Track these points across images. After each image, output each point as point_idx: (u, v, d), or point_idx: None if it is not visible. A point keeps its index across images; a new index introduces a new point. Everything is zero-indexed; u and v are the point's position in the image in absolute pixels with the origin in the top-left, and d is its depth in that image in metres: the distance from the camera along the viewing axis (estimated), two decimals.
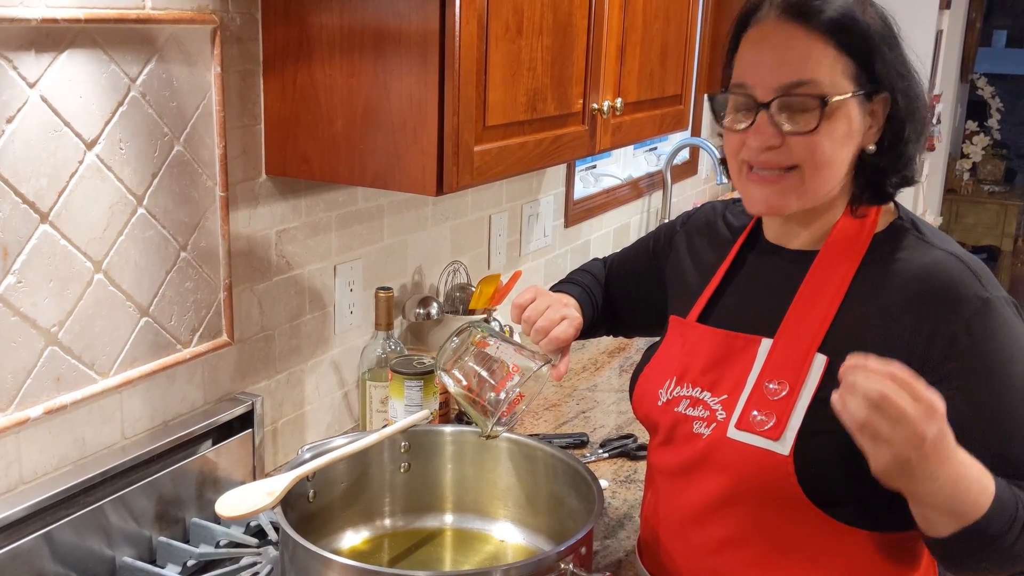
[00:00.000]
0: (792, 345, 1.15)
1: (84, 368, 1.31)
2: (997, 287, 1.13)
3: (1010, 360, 1.10)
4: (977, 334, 1.09)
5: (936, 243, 1.16)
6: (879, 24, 1.15)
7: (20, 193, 1.19)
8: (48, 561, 1.24)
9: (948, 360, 1.09)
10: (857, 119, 1.14)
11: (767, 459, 1.12)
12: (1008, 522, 1.01)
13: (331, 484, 1.37)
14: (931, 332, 1.09)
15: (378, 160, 1.44)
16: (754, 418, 1.14)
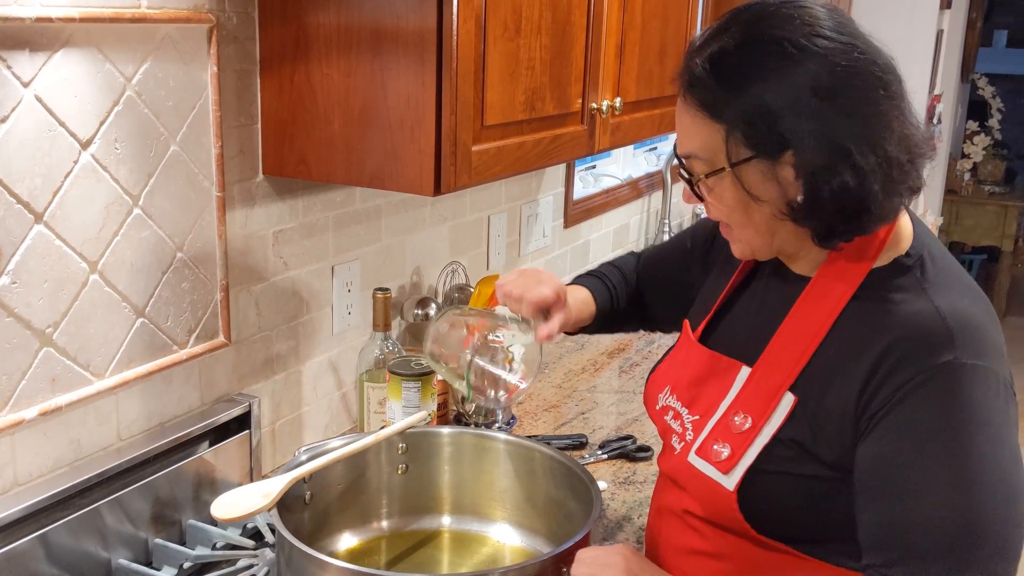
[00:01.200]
0: (766, 378, 1.12)
1: (79, 369, 1.30)
2: (978, 354, 1.02)
3: (937, 437, 1.00)
4: (917, 396, 1.01)
5: (931, 291, 1.06)
6: (764, 84, 1.02)
7: (14, 193, 1.18)
8: (43, 563, 1.24)
9: (881, 410, 1.03)
10: (753, 182, 1.05)
11: (716, 490, 1.11)
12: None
13: (328, 486, 1.36)
14: (882, 380, 1.03)
15: (375, 160, 1.43)
16: (713, 448, 1.13)
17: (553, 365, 2.31)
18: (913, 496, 1.00)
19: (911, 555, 1.00)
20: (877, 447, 1.03)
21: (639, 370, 2.30)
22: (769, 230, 1.09)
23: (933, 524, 0.99)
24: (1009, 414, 1.03)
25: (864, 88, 1.02)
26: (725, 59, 1.04)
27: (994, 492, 0.99)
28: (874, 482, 1.03)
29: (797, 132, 1.01)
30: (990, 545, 0.99)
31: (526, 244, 2.47)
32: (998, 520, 0.99)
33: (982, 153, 6.09)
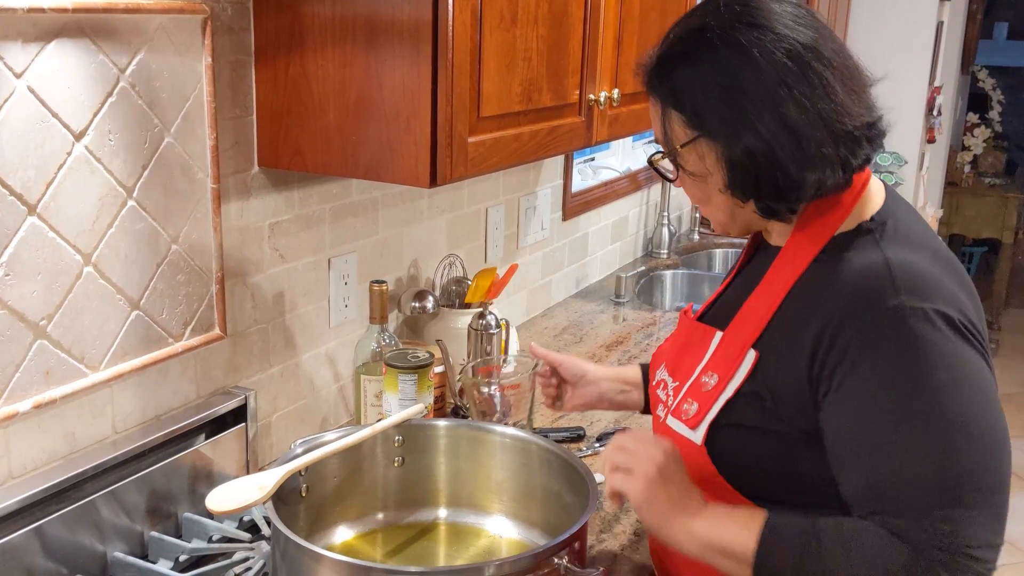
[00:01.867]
0: (734, 339, 1.17)
1: (74, 362, 1.30)
2: (925, 297, 1.04)
3: (897, 389, 1.03)
4: (867, 348, 1.04)
5: (885, 246, 1.10)
6: (688, 72, 1.12)
7: (7, 185, 1.17)
8: (39, 556, 1.23)
9: (838, 369, 1.06)
10: (694, 164, 1.15)
11: (688, 447, 1.17)
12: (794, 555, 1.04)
13: (324, 479, 1.36)
14: (831, 339, 1.06)
15: (371, 152, 1.43)
16: (683, 408, 1.20)
17: None
18: (887, 452, 1.03)
19: (899, 509, 1.02)
20: (842, 411, 1.06)
21: (637, 362, 2.29)
22: (726, 206, 1.18)
23: (912, 475, 1.02)
24: (966, 351, 1.04)
25: (774, 69, 1.07)
26: (664, 50, 1.16)
27: (963, 430, 1.01)
28: (849, 446, 1.06)
29: (715, 114, 1.10)
30: (972, 483, 1.01)
31: (524, 237, 2.46)
32: (973, 457, 1.02)
33: (982, 145, 6.08)
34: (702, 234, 3.51)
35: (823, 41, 1.11)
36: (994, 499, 1.02)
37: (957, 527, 1.00)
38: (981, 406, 1.03)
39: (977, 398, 1.03)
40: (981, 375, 1.05)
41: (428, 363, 1.61)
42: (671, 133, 1.16)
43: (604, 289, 2.89)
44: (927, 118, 4.49)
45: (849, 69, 1.13)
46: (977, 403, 1.03)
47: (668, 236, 3.25)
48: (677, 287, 3.19)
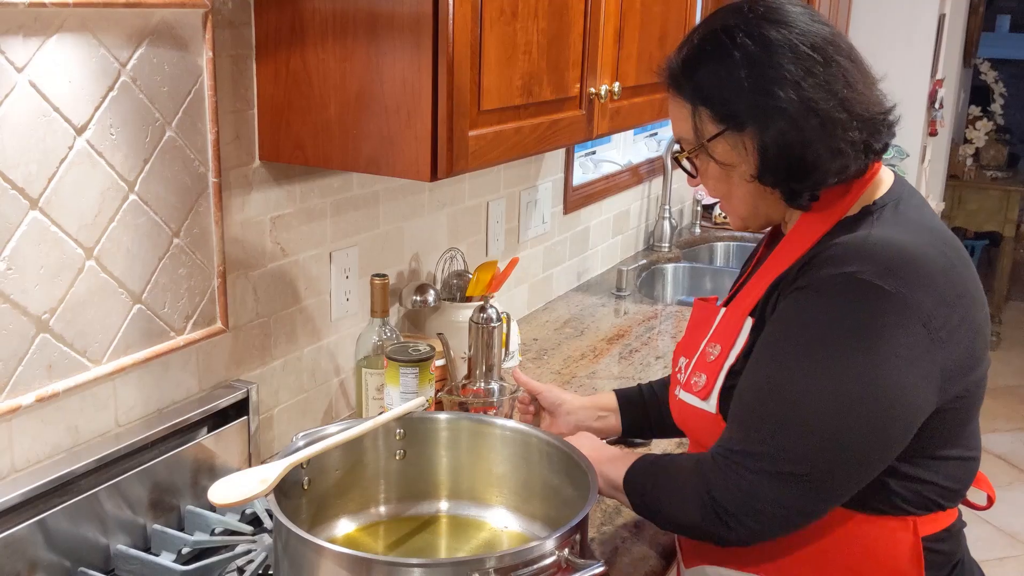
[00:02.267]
0: (735, 312, 1.26)
1: (76, 355, 1.30)
2: (887, 276, 1.09)
3: (805, 334, 1.12)
4: (802, 304, 1.14)
5: (877, 225, 1.16)
6: (714, 71, 1.19)
7: (9, 179, 1.18)
8: (42, 549, 1.24)
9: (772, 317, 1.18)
10: (727, 155, 1.22)
11: (703, 417, 1.26)
12: (635, 489, 1.26)
13: (326, 471, 1.36)
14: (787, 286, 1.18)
15: (372, 145, 1.43)
16: (692, 380, 1.28)
17: (552, 352, 2.31)
18: (764, 386, 1.14)
19: (738, 424, 1.16)
20: (768, 328, 1.17)
21: (638, 356, 2.30)
22: (750, 197, 1.24)
23: (756, 406, 1.14)
24: (900, 339, 1.08)
25: (800, 60, 1.16)
26: (689, 52, 1.23)
27: (825, 398, 1.09)
28: (751, 362, 1.18)
29: (746, 104, 1.17)
30: (809, 450, 1.10)
31: (525, 230, 2.47)
32: (817, 427, 1.09)
33: (984, 138, 6.07)
34: (703, 227, 3.51)
35: (838, 38, 1.20)
36: (806, 472, 1.10)
37: (757, 476, 1.12)
38: (870, 390, 1.08)
39: (872, 380, 1.08)
40: (895, 363, 1.08)
41: (429, 356, 1.61)
42: (701, 128, 1.22)
43: (605, 282, 2.90)
44: (929, 111, 4.48)
45: (862, 63, 1.21)
46: (868, 385, 1.08)
47: (669, 229, 3.25)
48: (678, 280, 3.19)
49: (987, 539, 3.73)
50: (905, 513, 1.17)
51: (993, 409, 4.91)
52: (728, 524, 1.14)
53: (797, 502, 1.12)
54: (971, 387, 1.17)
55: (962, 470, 1.21)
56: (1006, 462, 4.37)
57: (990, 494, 1.37)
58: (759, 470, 1.12)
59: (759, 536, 1.15)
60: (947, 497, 1.20)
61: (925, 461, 1.16)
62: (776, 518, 1.13)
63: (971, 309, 1.15)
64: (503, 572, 1.06)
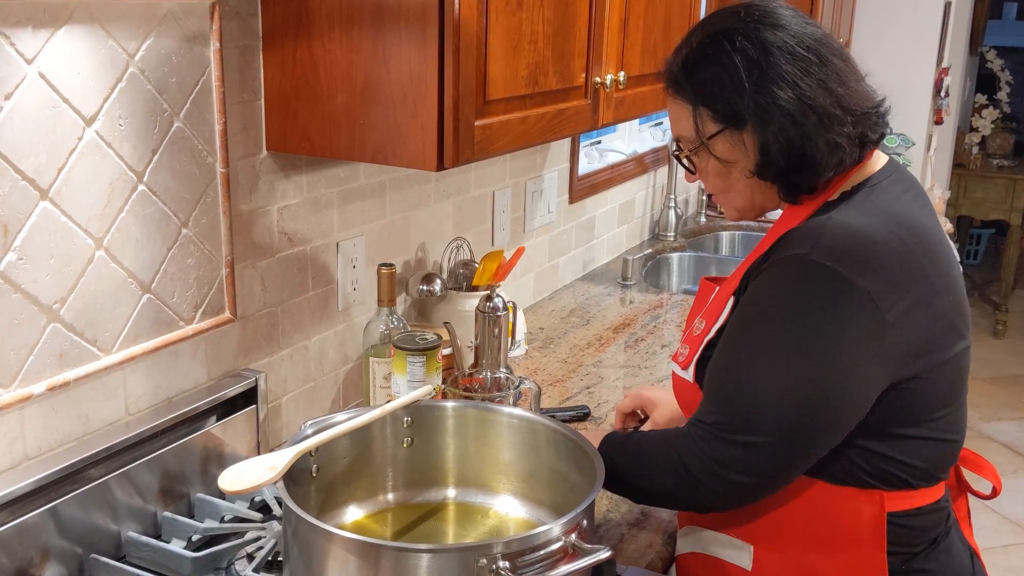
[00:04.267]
0: (723, 291, 1.32)
1: (87, 345, 1.32)
2: (836, 258, 1.15)
3: (759, 316, 1.20)
4: (760, 283, 1.22)
5: (842, 208, 1.22)
6: (717, 67, 1.23)
7: (20, 170, 1.19)
8: (54, 536, 1.25)
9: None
10: (727, 152, 1.27)
11: (684, 386, 1.34)
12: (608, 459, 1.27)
13: (334, 459, 1.37)
14: (746, 280, 1.25)
15: (378, 135, 1.44)
16: (680, 351, 1.36)
17: (559, 340, 2.31)
18: (727, 361, 1.23)
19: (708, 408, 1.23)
20: (732, 314, 1.25)
21: (644, 344, 2.31)
22: (748, 191, 1.30)
23: (718, 387, 1.22)
24: (846, 317, 1.14)
25: (797, 61, 1.21)
26: (688, 53, 1.28)
27: (772, 372, 1.17)
28: (721, 340, 1.25)
29: (747, 103, 1.21)
30: (757, 417, 1.17)
31: (531, 220, 2.47)
32: (765, 398, 1.17)
33: (990, 126, 6.05)
34: (709, 217, 3.51)
35: (829, 39, 1.26)
36: (762, 441, 1.17)
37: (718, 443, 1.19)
38: (815, 364, 1.15)
39: (817, 355, 1.15)
40: (840, 339, 1.14)
41: (436, 345, 1.62)
42: (702, 127, 1.27)
43: (611, 272, 2.90)
44: (935, 99, 4.47)
45: (851, 61, 1.27)
46: (813, 360, 1.15)
47: (675, 219, 3.25)
48: (684, 270, 3.19)
49: (992, 527, 3.74)
50: (869, 486, 1.23)
51: (998, 398, 4.91)
52: (699, 490, 1.22)
53: (760, 469, 1.19)
54: (930, 371, 1.20)
55: (933, 451, 1.24)
56: (1011, 450, 4.37)
57: (995, 484, 1.40)
58: (722, 438, 1.20)
59: (731, 501, 1.23)
60: (917, 476, 1.24)
61: (885, 439, 1.21)
62: (743, 485, 1.20)
63: (929, 295, 1.19)
64: (510, 558, 1.07)
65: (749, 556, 1.30)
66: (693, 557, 1.39)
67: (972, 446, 4.55)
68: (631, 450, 1.32)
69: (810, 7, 3.24)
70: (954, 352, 1.22)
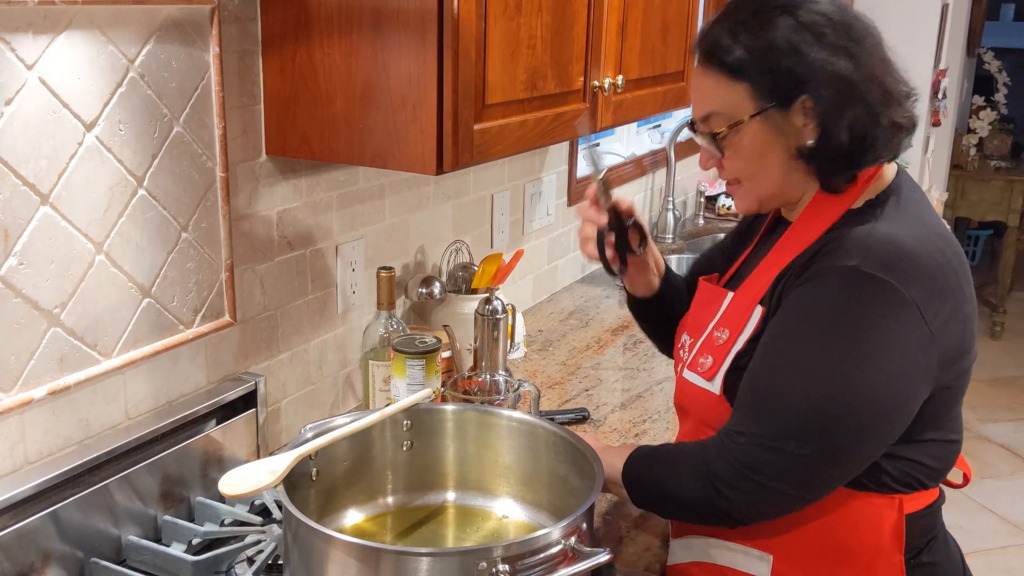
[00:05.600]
0: (744, 298, 1.28)
1: (87, 349, 1.32)
2: (885, 269, 1.12)
3: (807, 323, 1.15)
4: (807, 287, 1.17)
5: (880, 219, 1.19)
6: (776, 38, 1.18)
7: (20, 175, 1.19)
8: (54, 540, 1.26)
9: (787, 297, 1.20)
10: (769, 130, 1.21)
11: (707, 397, 1.28)
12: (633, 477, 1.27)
13: (334, 463, 1.37)
14: (793, 277, 1.20)
15: (377, 139, 1.44)
16: (699, 361, 1.30)
17: (557, 343, 2.32)
18: (766, 360, 1.18)
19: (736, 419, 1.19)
20: (774, 320, 1.21)
21: (643, 347, 2.31)
22: (781, 176, 1.25)
23: (763, 400, 1.17)
24: (898, 329, 1.12)
25: (860, 35, 1.19)
26: (740, 26, 1.21)
27: (824, 383, 1.12)
28: (760, 350, 1.20)
29: (808, 78, 1.17)
30: (805, 433, 1.13)
31: (530, 222, 2.48)
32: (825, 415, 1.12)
33: (988, 128, 6.05)
34: (707, 218, 3.52)
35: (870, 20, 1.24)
36: (806, 452, 1.13)
37: (753, 450, 1.15)
38: (870, 376, 1.12)
39: (871, 367, 1.12)
40: (893, 351, 1.12)
41: (435, 348, 1.63)
42: (745, 102, 1.21)
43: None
44: (932, 101, 4.48)
45: None
46: (868, 372, 1.12)
47: (673, 221, 3.26)
48: (682, 271, 3.17)
49: (990, 528, 3.75)
50: (892, 491, 1.22)
51: (995, 399, 4.91)
52: (727, 496, 1.17)
53: (796, 480, 1.15)
54: (958, 376, 1.21)
55: (946, 451, 1.26)
56: (1009, 451, 4.38)
57: (966, 472, 1.42)
58: (759, 444, 1.15)
59: (757, 512, 1.19)
60: (931, 476, 1.25)
61: (912, 443, 1.20)
62: (770, 491, 1.16)
63: (961, 302, 1.18)
64: (510, 561, 1.07)
65: (768, 566, 1.26)
66: (693, 567, 1.36)
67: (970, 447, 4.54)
68: (656, 460, 1.27)
69: None
70: (973, 356, 1.24)
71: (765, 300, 1.24)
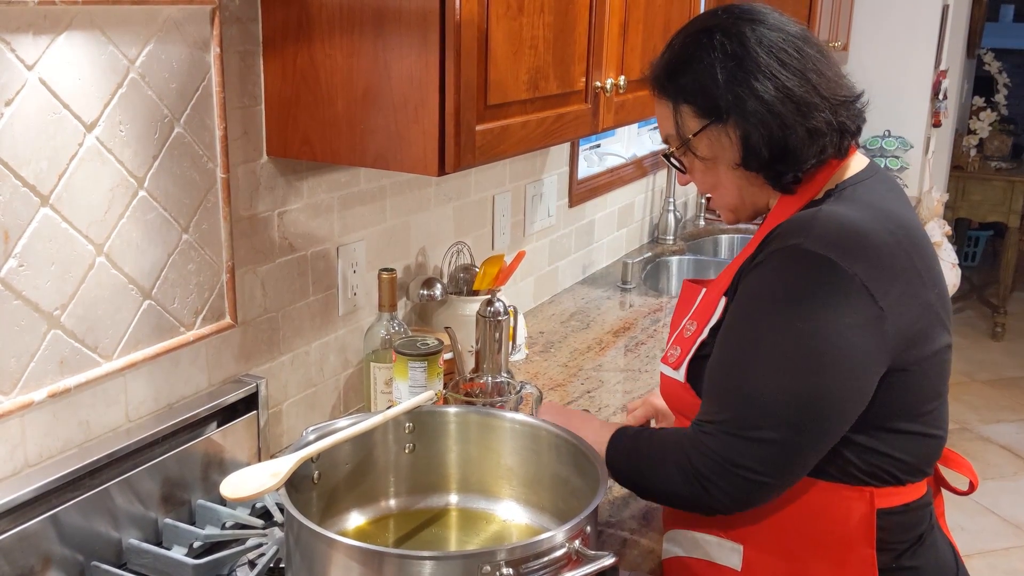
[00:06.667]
0: (712, 292, 1.33)
1: (87, 351, 1.31)
2: (828, 247, 1.16)
3: (755, 308, 1.21)
4: (753, 277, 1.22)
5: (831, 203, 1.24)
6: (694, 64, 1.26)
7: (20, 176, 1.18)
8: (55, 543, 1.25)
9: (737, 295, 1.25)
10: (712, 147, 1.29)
11: (674, 386, 1.34)
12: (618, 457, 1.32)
13: (336, 465, 1.37)
14: (745, 268, 1.25)
15: (379, 140, 1.43)
16: (670, 353, 1.36)
17: (559, 344, 2.31)
18: (723, 361, 1.23)
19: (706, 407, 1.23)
20: (728, 313, 1.25)
21: (644, 348, 2.31)
22: (735, 186, 1.31)
23: (720, 382, 1.22)
24: (842, 303, 1.15)
25: (774, 52, 1.24)
26: (669, 55, 1.32)
27: (776, 364, 1.17)
28: (718, 339, 1.25)
29: (726, 96, 1.24)
30: (766, 412, 1.17)
31: (531, 224, 2.47)
32: (779, 391, 1.16)
33: (988, 129, 6.06)
34: (707, 220, 3.51)
35: (808, 33, 1.30)
36: (775, 436, 1.16)
37: (728, 440, 1.18)
38: (818, 351, 1.15)
39: (820, 342, 1.15)
40: (839, 325, 1.15)
41: (437, 350, 1.62)
42: (684, 125, 1.30)
43: (610, 275, 2.90)
44: (933, 102, 4.47)
45: (831, 56, 1.30)
46: (815, 347, 1.15)
47: (674, 222, 3.25)
48: (683, 273, 3.19)
49: (993, 529, 3.74)
50: (860, 483, 1.23)
51: (998, 400, 4.91)
52: (708, 490, 1.20)
53: (774, 464, 1.18)
54: (922, 362, 1.22)
55: (922, 447, 1.26)
56: (1012, 453, 4.37)
57: (972, 480, 1.42)
58: (732, 435, 1.19)
59: (741, 501, 1.21)
60: (904, 471, 1.25)
61: (878, 433, 1.22)
62: (756, 483, 1.18)
63: (917, 285, 1.20)
64: (514, 564, 1.07)
65: (739, 556, 1.30)
66: (681, 562, 1.38)
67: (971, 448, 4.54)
68: (640, 446, 1.31)
69: (808, 10, 3.24)
70: (940, 345, 1.24)
71: (729, 291, 1.29)
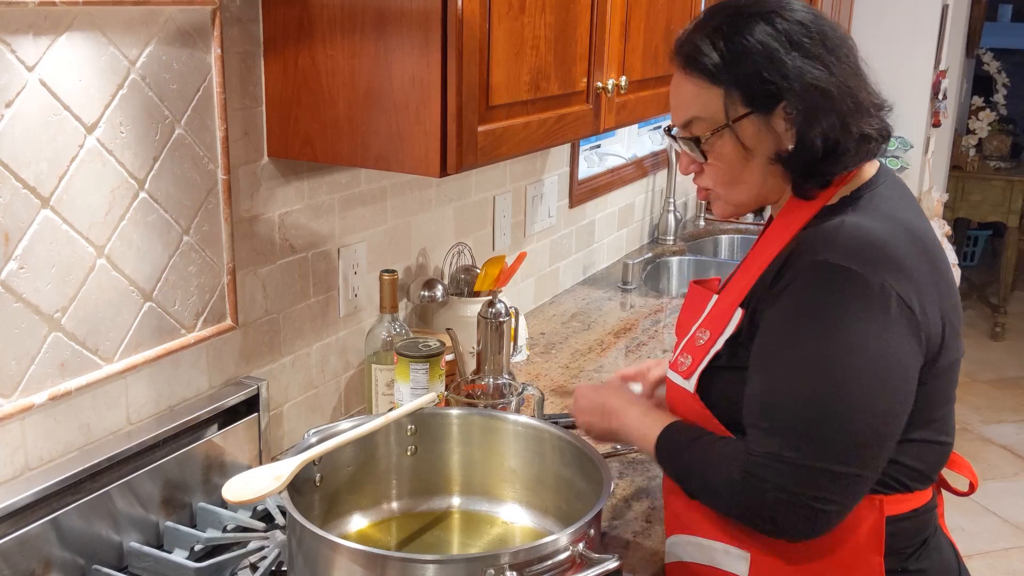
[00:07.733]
0: (725, 301, 1.29)
1: (88, 354, 1.31)
2: (852, 259, 1.13)
3: (790, 325, 1.16)
4: (789, 291, 1.17)
5: (850, 212, 1.20)
6: (753, 45, 1.20)
7: (20, 178, 1.18)
8: (56, 547, 1.24)
9: (766, 311, 1.20)
10: (750, 135, 1.23)
11: (683, 395, 1.30)
12: (670, 455, 1.27)
13: (338, 468, 1.36)
14: (771, 285, 1.20)
15: (381, 141, 1.43)
16: (679, 360, 1.32)
17: (560, 345, 2.31)
18: (767, 376, 1.18)
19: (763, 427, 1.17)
20: (760, 335, 1.21)
21: (645, 349, 2.30)
22: (759, 182, 1.26)
23: (776, 402, 1.16)
24: (875, 314, 1.12)
25: (835, 45, 1.21)
26: (717, 32, 1.23)
27: (831, 381, 1.12)
28: (754, 363, 1.21)
29: (784, 85, 1.18)
30: (821, 428, 1.12)
31: (531, 224, 2.47)
32: (830, 408, 1.12)
33: (987, 128, 6.05)
34: (708, 220, 3.51)
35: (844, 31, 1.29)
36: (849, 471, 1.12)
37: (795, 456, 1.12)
38: (854, 367, 1.12)
39: (855, 359, 1.12)
40: (871, 341, 1.12)
41: (439, 352, 1.61)
42: (729, 108, 1.22)
43: (611, 276, 2.90)
44: (932, 102, 4.47)
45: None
46: (852, 363, 1.12)
47: (674, 222, 3.25)
48: (683, 273, 3.19)
49: (993, 530, 3.74)
50: (871, 492, 1.21)
51: (999, 400, 4.90)
52: (779, 524, 1.15)
53: (848, 493, 1.14)
54: (939, 372, 1.21)
55: (932, 453, 1.25)
56: (1012, 453, 4.37)
57: (972, 481, 1.41)
58: (805, 468, 1.12)
59: (816, 533, 1.16)
60: (915, 479, 1.24)
61: None
62: (830, 514, 1.14)
63: (935, 295, 1.19)
64: (518, 568, 1.06)
65: (746, 564, 1.27)
66: (685, 567, 1.35)
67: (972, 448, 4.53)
68: (695, 454, 1.25)
69: None
70: (957, 355, 1.23)
71: (745, 302, 1.25)
